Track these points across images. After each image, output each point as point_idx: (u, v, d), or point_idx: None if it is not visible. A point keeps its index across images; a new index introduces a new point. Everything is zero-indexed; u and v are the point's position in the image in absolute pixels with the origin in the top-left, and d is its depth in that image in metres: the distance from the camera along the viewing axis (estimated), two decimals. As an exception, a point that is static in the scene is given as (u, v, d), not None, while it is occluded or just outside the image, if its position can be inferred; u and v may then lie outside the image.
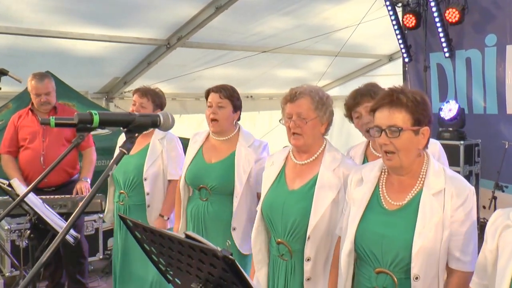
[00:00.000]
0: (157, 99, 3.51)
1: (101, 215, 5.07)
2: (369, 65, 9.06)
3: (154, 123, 1.57)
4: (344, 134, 8.96)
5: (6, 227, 4.52)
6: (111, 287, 4.78)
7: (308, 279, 2.30)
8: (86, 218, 4.84)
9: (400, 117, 1.90)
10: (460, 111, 5.57)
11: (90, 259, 4.71)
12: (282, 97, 2.44)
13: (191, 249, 1.40)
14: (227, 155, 3.03)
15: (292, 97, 2.37)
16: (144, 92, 3.50)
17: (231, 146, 3.04)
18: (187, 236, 1.43)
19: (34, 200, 2.55)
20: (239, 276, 1.32)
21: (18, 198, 2.01)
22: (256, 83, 8.07)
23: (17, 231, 4.53)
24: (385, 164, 2.02)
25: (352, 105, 2.69)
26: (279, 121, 2.47)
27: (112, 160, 1.47)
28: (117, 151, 3.16)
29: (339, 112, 9.33)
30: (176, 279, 1.71)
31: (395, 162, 1.94)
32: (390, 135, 1.90)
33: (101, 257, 5.11)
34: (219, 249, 1.29)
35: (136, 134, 1.52)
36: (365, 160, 2.73)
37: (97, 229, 5.04)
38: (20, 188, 2.52)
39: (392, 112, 1.91)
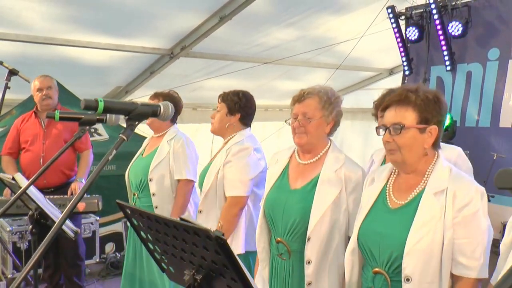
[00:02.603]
0: (169, 101, 3.52)
1: (98, 218, 5.14)
2: (369, 79, 9.10)
3: (154, 113, 1.63)
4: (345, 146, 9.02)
5: (8, 229, 4.58)
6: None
7: (309, 284, 2.27)
8: (83, 220, 4.91)
9: (406, 115, 1.89)
10: (452, 123, 5.60)
11: (86, 262, 4.75)
12: (292, 98, 2.45)
13: (185, 232, 1.45)
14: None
15: (300, 98, 2.39)
16: (156, 95, 3.54)
17: None
18: (182, 221, 1.48)
19: (36, 194, 2.60)
20: (230, 257, 1.36)
21: (22, 188, 2.05)
22: (255, 94, 8.07)
23: (18, 233, 4.58)
24: (388, 160, 2.02)
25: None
26: (285, 121, 2.48)
27: (112, 147, 1.51)
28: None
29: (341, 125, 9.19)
30: (170, 267, 1.75)
31: (397, 157, 1.92)
32: (393, 133, 1.89)
33: (97, 260, 5.16)
34: (212, 229, 1.34)
35: (137, 122, 1.57)
36: (384, 162, 2.72)
37: (94, 232, 5.10)
38: (24, 181, 2.56)
39: (399, 110, 1.91)
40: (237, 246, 2.95)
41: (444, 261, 1.80)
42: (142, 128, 6.64)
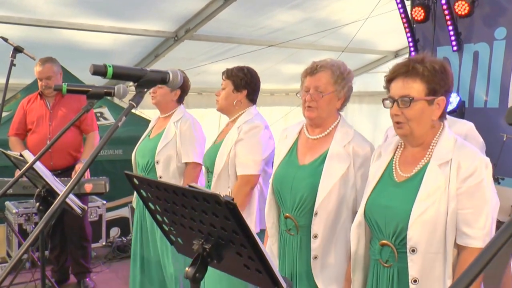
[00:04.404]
0: None
1: (105, 202, 5.15)
2: (374, 62, 9.01)
3: (164, 80, 1.60)
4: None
5: (14, 211, 4.61)
6: (114, 273, 4.85)
7: (315, 258, 2.28)
8: (90, 204, 4.94)
9: (414, 87, 1.87)
10: (461, 104, 5.53)
11: (93, 245, 4.77)
12: (303, 70, 2.42)
13: (194, 199, 1.43)
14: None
15: (312, 70, 2.36)
16: None
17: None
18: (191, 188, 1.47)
19: (44, 170, 2.59)
20: (239, 222, 1.35)
21: (29, 163, 2.04)
22: (260, 78, 8.02)
23: (24, 215, 4.61)
24: (396, 133, 1.99)
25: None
26: (296, 94, 2.46)
27: (122, 113, 1.49)
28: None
29: (348, 108, 9.27)
30: (179, 239, 1.74)
31: (405, 130, 1.90)
32: (402, 106, 1.87)
33: (104, 243, 5.19)
34: (221, 194, 1.32)
35: (146, 89, 1.55)
36: None
37: (100, 216, 5.12)
38: (31, 158, 2.56)
39: (406, 82, 1.88)
40: (251, 225, 2.94)
41: (448, 231, 1.81)
42: (148, 113, 6.65)
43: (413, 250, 1.82)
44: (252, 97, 3.11)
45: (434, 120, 1.91)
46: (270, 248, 2.49)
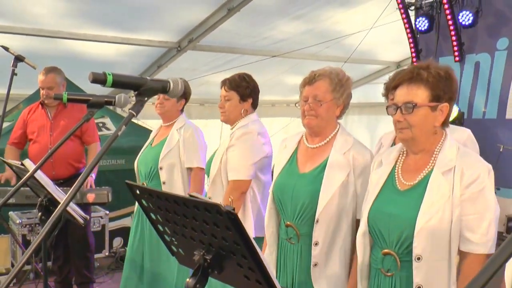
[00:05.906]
0: None
1: (107, 212, 5.14)
2: (376, 72, 8.98)
3: (164, 88, 1.58)
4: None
5: (17, 221, 4.60)
6: (117, 284, 4.82)
7: (315, 265, 2.27)
8: (93, 214, 4.93)
9: (418, 93, 1.86)
10: (459, 115, 5.52)
11: (96, 255, 4.75)
12: (302, 80, 2.43)
13: (195, 209, 1.42)
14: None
15: (311, 80, 2.37)
16: None
17: None
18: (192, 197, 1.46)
19: (45, 179, 2.59)
20: (240, 232, 1.33)
21: (31, 171, 2.03)
22: (262, 89, 8.02)
23: (28, 226, 4.60)
24: (398, 138, 2.00)
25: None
26: (295, 105, 2.47)
27: (121, 122, 1.48)
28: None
29: (347, 119, 9.20)
30: (180, 250, 1.73)
31: (406, 135, 1.90)
32: (405, 112, 1.87)
33: (107, 254, 5.16)
34: (222, 204, 1.31)
35: (146, 98, 1.54)
36: (393, 146, 2.69)
37: (103, 226, 5.11)
38: (33, 167, 2.55)
39: (411, 88, 1.88)
40: (248, 230, 2.95)
41: (453, 238, 1.80)
42: (150, 123, 6.65)
43: (418, 258, 1.81)
44: (255, 103, 3.16)
45: (437, 126, 1.90)
46: (268, 257, 2.48)
